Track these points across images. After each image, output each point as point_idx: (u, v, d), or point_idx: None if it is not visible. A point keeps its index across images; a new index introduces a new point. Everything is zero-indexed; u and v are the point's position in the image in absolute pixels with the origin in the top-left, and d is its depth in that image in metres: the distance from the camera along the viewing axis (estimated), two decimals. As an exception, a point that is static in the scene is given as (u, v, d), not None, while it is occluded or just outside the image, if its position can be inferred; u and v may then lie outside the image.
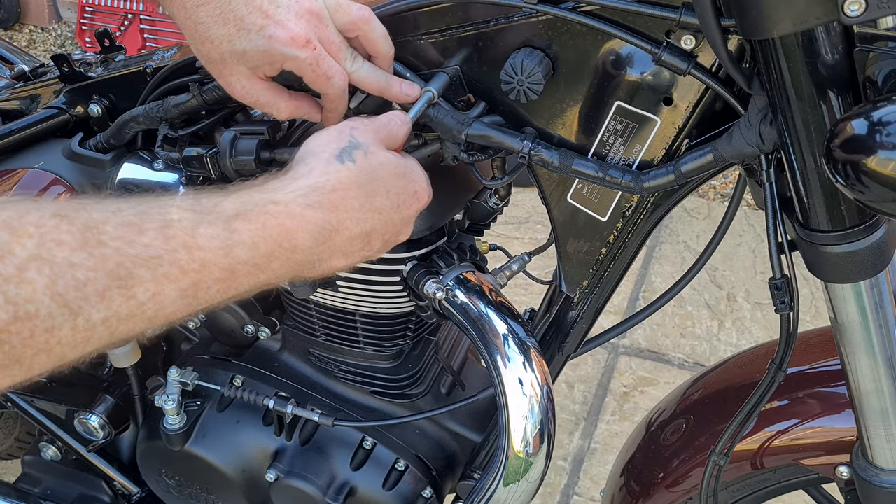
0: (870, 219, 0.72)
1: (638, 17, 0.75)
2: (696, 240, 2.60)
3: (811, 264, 0.77)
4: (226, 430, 1.13)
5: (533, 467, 0.93)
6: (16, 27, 3.86)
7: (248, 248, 0.64)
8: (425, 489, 1.10)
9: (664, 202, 0.88)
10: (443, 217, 0.96)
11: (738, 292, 2.43)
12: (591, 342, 1.04)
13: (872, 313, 0.78)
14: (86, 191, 1.06)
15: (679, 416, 1.12)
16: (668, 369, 2.22)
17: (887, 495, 0.89)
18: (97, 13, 3.65)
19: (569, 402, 2.14)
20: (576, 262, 0.93)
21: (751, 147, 0.75)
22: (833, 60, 0.65)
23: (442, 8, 0.83)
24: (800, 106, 0.68)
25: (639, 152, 0.82)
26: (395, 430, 1.11)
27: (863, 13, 0.59)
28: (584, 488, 1.96)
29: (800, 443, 0.99)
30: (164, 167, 1.02)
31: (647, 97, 0.80)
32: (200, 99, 0.94)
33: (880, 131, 0.59)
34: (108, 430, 1.20)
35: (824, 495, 1.15)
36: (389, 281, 0.97)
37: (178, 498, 1.21)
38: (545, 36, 0.80)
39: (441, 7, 0.83)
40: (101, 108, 1.07)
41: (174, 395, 1.10)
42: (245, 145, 0.91)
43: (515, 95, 0.81)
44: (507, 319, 0.92)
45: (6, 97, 1.20)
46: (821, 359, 1.02)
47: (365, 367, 1.10)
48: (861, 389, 0.84)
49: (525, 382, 0.90)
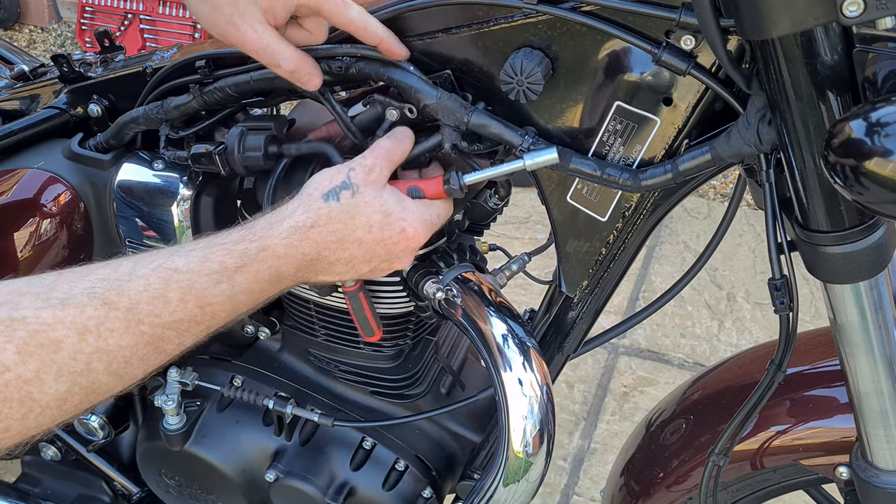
0: (869, 220, 0.72)
1: (638, 17, 0.75)
2: (696, 240, 2.60)
3: (810, 265, 0.77)
4: (225, 430, 1.13)
5: (533, 467, 0.93)
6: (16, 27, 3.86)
7: (247, 293, 0.79)
8: (425, 489, 1.10)
9: (664, 202, 0.88)
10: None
11: (738, 292, 2.43)
12: (591, 342, 1.04)
13: (872, 314, 0.78)
14: (85, 191, 1.06)
15: (679, 416, 1.12)
16: (668, 369, 2.22)
17: (887, 496, 0.89)
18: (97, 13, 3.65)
19: (569, 402, 2.14)
20: (575, 262, 0.93)
21: (749, 147, 0.75)
22: (832, 61, 0.65)
23: (442, 8, 0.84)
24: (799, 106, 0.68)
25: (638, 152, 0.82)
26: (394, 430, 1.11)
27: (861, 14, 0.59)
28: (584, 488, 1.96)
29: (799, 443, 0.99)
30: (165, 167, 1.02)
31: (647, 97, 0.80)
32: (201, 100, 0.95)
33: (879, 132, 0.59)
34: (107, 430, 1.20)
35: (824, 495, 1.15)
36: (389, 281, 0.97)
37: (177, 498, 1.21)
38: (545, 36, 0.80)
39: (441, 7, 0.83)
40: (100, 108, 1.07)
41: (174, 395, 1.10)
42: (253, 141, 0.93)
43: (515, 95, 0.81)
44: (507, 319, 0.92)
45: (6, 97, 1.20)
46: (820, 359, 1.02)
47: (365, 367, 1.10)
48: (860, 390, 0.84)
49: (525, 382, 0.90)
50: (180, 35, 3.56)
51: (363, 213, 0.82)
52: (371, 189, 0.83)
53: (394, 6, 0.85)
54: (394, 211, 0.84)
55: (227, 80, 0.93)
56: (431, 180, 0.88)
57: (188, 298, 0.75)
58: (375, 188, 0.83)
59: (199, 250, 0.77)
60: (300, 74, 0.85)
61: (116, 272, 0.73)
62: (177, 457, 1.14)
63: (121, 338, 0.70)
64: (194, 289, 0.75)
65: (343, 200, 0.82)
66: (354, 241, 0.83)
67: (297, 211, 0.81)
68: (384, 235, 0.84)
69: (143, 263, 0.74)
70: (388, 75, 0.86)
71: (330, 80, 0.89)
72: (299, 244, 0.81)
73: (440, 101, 0.84)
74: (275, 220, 0.81)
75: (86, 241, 1.09)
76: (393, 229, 0.84)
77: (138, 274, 0.73)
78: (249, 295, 0.79)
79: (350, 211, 0.82)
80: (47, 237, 1.06)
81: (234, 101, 0.96)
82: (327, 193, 0.82)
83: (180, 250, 0.77)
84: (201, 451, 1.13)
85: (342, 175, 0.83)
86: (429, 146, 0.88)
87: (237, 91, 0.93)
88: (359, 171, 0.83)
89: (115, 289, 0.71)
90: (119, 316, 0.70)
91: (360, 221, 0.82)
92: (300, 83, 0.86)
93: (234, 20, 0.80)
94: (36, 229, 1.05)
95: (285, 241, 0.80)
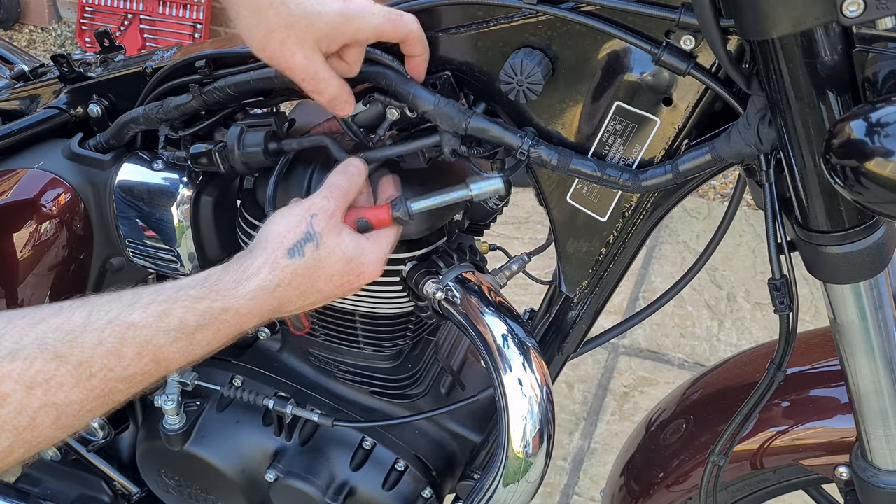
0: (869, 220, 0.72)
1: (637, 17, 0.75)
2: (696, 240, 2.60)
3: (810, 265, 0.77)
4: (225, 430, 1.13)
5: (533, 467, 0.93)
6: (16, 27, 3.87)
7: (205, 348, 0.79)
8: (425, 489, 1.10)
9: (663, 203, 0.88)
10: (442, 217, 0.96)
11: (738, 292, 2.43)
12: (591, 342, 1.04)
13: (872, 314, 0.78)
14: (85, 191, 1.06)
15: (679, 416, 1.12)
16: (668, 369, 2.22)
17: (887, 496, 0.89)
18: (97, 13, 3.65)
19: (569, 402, 2.14)
20: (575, 262, 0.93)
21: (749, 147, 0.75)
22: (832, 61, 0.65)
23: (442, 8, 0.84)
24: (799, 106, 0.68)
25: (638, 153, 0.82)
26: (394, 430, 1.11)
27: (861, 14, 0.59)
28: (584, 488, 1.96)
29: (799, 443, 0.99)
30: (165, 167, 1.02)
31: (647, 97, 0.80)
32: (201, 100, 0.95)
33: (879, 132, 0.59)
34: (107, 431, 1.20)
35: (824, 496, 1.15)
36: (389, 281, 0.97)
37: (177, 498, 1.21)
38: (545, 36, 0.80)
39: (441, 7, 0.83)
40: (100, 108, 1.07)
41: (174, 395, 1.10)
42: (253, 138, 0.93)
43: (515, 96, 0.81)
44: (507, 319, 0.92)
45: (6, 97, 1.20)
46: (820, 359, 1.02)
47: (365, 367, 1.10)
48: (860, 390, 0.84)
49: (525, 383, 0.90)
50: (180, 35, 3.56)
51: (326, 265, 0.84)
52: (332, 237, 0.84)
53: (394, 6, 0.84)
54: (353, 257, 0.85)
55: (227, 80, 0.93)
56: (378, 209, 0.89)
57: (143, 354, 0.73)
58: (335, 234, 0.84)
59: (159, 304, 0.75)
60: (337, 102, 0.85)
61: (70, 321, 0.70)
62: (177, 457, 1.14)
63: (70, 392, 0.68)
64: (150, 345, 0.73)
65: (307, 255, 0.82)
66: (316, 291, 0.84)
67: (263, 269, 0.81)
68: (344, 281, 0.86)
69: (99, 314, 0.72)
70: (387, 80, 0.86)
71: None
72: (264, 302, 0.81)
73: (438, 107, 0.84)
74: (240, 277, 0.80)
75: (86, 241, 1.09)
76: (352, 274, 0.86)
77: (92, 326, 0.71)
78: (207, 349, 0.79)
79: (314, 265, 0.83)
80: (47, 237, 1.06)
81: (233, 101, 0.96)
82: (292, 248, 0.82)
83: (139, 301, 0.75)
84: (201, 451, 1.13)
85: (304, 223, 0.83)
86: (429, 143, 0.88)
87: (237, 91, 0.93)
88: (321, 217, 0.84)
89: (68, 341, 0.69)
90: (70, 370, 0.68)
91: (323, 274, 0.84)
92: (334, 110, 0.86)
93: (287, 44, 0.79)
94: (36, 229, 1.05)
95: (250, 303, 0.80)
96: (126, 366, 0.72)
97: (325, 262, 0.84)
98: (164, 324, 0.74)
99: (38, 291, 1.07)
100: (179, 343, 0.76)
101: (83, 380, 0.69)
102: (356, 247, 0.86)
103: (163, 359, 0.75)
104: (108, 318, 0.72)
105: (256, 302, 0.80)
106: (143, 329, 0.73)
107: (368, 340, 1.07)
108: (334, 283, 0.85)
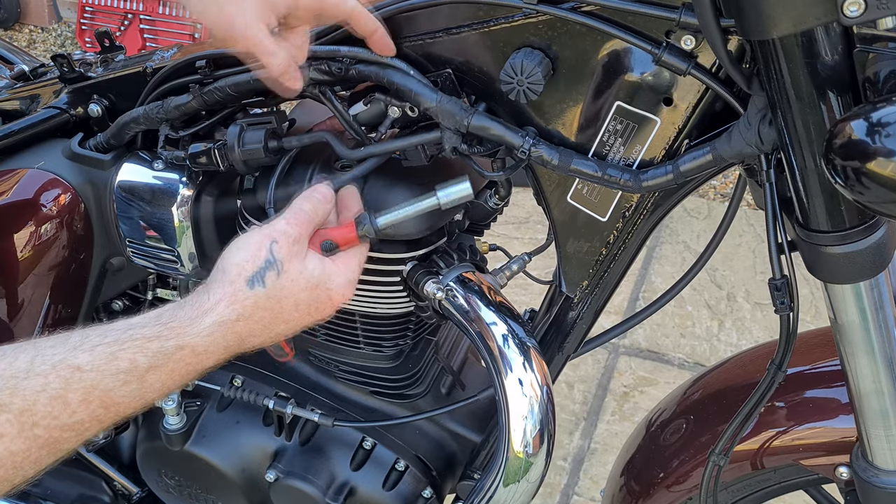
0: (869, 219, 0.72)
1: (638, 17, 0.75)
2: (696, 240, 2.60)
3: (811, 265, 0.77)
4: (225, 430, 1.13)
5: (533, 467, 0.93)
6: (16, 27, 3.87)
7: (159, 390, 0.74)
8: (425, 489, 1.10)
9: (664, 203, 0.88)
10: (442, 217, 0.96)
11: (738, 292, 2.43)
12: (591, 342, 1.04)
13: (872, 314, 0.78)
14: (86, 191, 1.06)
15: (679, 416, 1.12)
16: (668, 369, 2.22)
17: (887, 496, 0.89)
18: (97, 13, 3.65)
19: (569, 402, 2.14)
20: (576, 262, 0.93)
21: (750, 147, 0.75)
22: (833, 61, 0.65)
23: (442, 8, 0.83)
24: (799, 106, 0.68)
25: (639, 153, 0.82)
26: (394, 430, 1.11)
27: (862, 14, 0.59)
28: (584, 488, 1.96)
29: (800, 443, 0.99)
30: (165, 167, 1.02)
31: (647, 97, 0.80)
32: (201, 100, 0.95)
33: (880, 132, 0.59)
34: (107, 431, 1.20)
35: (824, 496, 1.15)
36: (389, 281, 0.97)
37: (177, 498, 1.21)
38: (545, 36, 0.80)
39: (441, 7, 0.83)
40: (101, 108, 1.07)
41: (174, 395, 1.10)
42: (253, 136, 0.93)
43: (515, 96, 0.81)
44: (507, 319, 0.92)
45: (6, 97, 1.20)
46: (821, 359, 1.02)
47: (365, 367, 1.10)
48: (861, 390, 0.84)
49: (525, 383, 0.90)
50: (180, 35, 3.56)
51: (290, 294, 0.79)
52: (295, 263, 0.79)
53: (394, 5, 0.85)
54: (319, 283, 0.81)
55: (227, 80, 0.93)
56: (343, 229, 0.86)
57: (91, 399, 0.69)
58: (299, 260, 0.80)
59: (107, 346, 0.71)
60: (288, 74, 0.83)
61: (12, 367, 0.67)
62: (177, 457, 1.14)
63: (11, 443, 0.65)
64: (98, 389, 0.69)
65: (269, 284, 0.78)
66: (283, 321, 0.80)
67: (221, 303, 0.76)
68: (311, 308, 0.81)
69: (44, 358, 0.68)
70: (389, 78, 0.86)
71: (330, 81, 0.89)
72: (222, 338, 0.76)
73: (440, 104, 0.84)
74: (195, 314, 0.76)
75: (86, 241, 1.09)
76: (320, 300, 0.82)
77: (36, 371, 0.67)
78: (162, 391, 0.74)
79: (277, 295, 0.78)
80: (47, 237, 1.06)
81: (234, 101, 0.96)
82: (252, 278, 0.77)
83: (86, 342, 0.71)
84: (201, 451, 1.13)
85: (264, 251, 0.78)
86: (429, 139, 0.88)
87: (237, 91, 0.93)
88: (282, 243, 0.79)
89: (9, 388, 0.66)
90: (11, 419, 0.65)
91: (288, 303, 0.79)
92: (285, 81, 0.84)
93: (226, 9, 0.78)
94: (36, 229, 1.05)
95: (207, 339, 0.75)
96: (72, 412, 0.68)
97: (290, 289, 0.79)
98: (113, 366, 0.70)
99: (39, 291, 1.07)
100: (130, 386, 0.71)
101: (25, 429, 0.66)
102: (322, 271, 0.81)
103: (112, 403, 0.71)
104: (52, 361, 0.68)
105: (214, 338, 0.76)
106: (90, 373, 0.69)
107: (369, 340, 1.07)
108: (301, 312, 0.81)
